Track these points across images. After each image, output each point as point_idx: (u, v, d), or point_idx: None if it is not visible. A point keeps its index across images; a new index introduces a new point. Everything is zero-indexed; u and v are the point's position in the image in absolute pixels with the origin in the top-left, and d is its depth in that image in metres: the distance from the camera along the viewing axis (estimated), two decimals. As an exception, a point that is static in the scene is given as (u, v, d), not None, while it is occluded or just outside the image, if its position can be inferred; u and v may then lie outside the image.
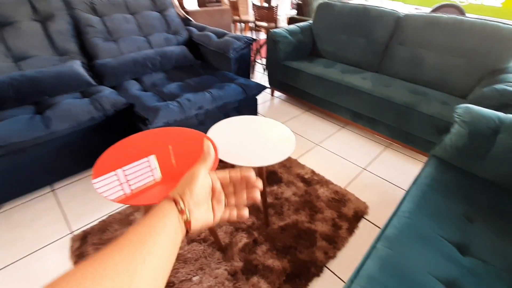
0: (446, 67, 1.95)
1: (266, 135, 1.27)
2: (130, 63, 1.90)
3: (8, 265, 1.18)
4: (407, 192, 1.08)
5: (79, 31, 1.89)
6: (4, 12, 1.64)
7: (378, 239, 0.88)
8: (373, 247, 0.85)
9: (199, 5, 4.75)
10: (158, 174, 0.91)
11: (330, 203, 1.54)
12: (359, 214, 1.48)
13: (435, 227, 0.92)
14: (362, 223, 1.44)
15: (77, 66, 1.71)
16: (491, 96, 1.44)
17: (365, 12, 2.31)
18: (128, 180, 0.86)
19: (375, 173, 1.81)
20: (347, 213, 1.48)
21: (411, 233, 0.89)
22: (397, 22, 2.18)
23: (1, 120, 1.37)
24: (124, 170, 0.83)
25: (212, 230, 1.20)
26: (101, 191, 0.80)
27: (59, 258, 1.21)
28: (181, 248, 1.26)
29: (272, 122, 1.37)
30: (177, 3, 2.52)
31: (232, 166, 1.31)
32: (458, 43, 1.89)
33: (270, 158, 1.12)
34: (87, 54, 1.89)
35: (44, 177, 1.50)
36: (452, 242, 0.87)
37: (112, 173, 0.81)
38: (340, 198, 1.57)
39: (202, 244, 1.28)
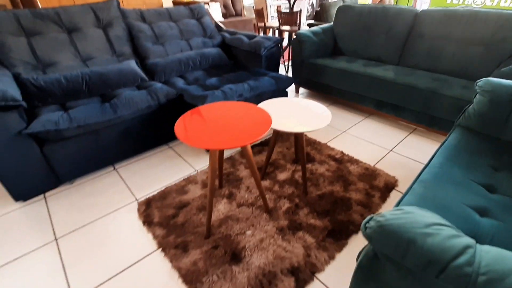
0: (465, 56, 2.08)
1: (304, 110, 1.46)
2: (176, 62, 2.16)
3: (87, 224, 1.39)
4: (435, 152, 1.22)
5: (132, 36, 2.19)
6: (73, 20, 1.95)
7: (414, 182, 1.02)
8: (409, 188, 1.00)
9: (223, 17, 5.13)
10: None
11: (362, 177, 1.67)
12: (389, 185, 1.61)
13: (465, 174, 1.05)
14: (393, 194, 1.57)
15: (133, 64, 1.99)
16: (509, 73, 1.56)
17: (384, 11, 2.50)
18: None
19: (401, 153, 1.93)
20: (378, 184, 1.61)
21: (444, 178, 1.03)
22: (415, 18, 2.34)
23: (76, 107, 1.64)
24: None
25: (262, 194, 1.36)
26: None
27: (130, 218, 1.41)
28: (231, 210, 1.43)
29: (309, 101, 1.56)
30: (210, 13, 2.82)
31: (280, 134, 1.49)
32: (475, 33, 2.03)
33: (311, 126, 1.30)
34: (139, 55, 2.18)
35: (109, 157, 1.74)
36: (481, 184, 1.00)
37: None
38: (370, 173, 1.70)
39: (250, 207, 1.45)
